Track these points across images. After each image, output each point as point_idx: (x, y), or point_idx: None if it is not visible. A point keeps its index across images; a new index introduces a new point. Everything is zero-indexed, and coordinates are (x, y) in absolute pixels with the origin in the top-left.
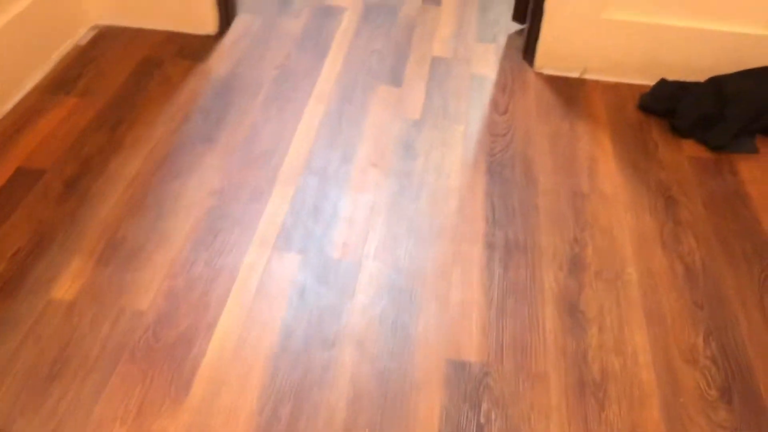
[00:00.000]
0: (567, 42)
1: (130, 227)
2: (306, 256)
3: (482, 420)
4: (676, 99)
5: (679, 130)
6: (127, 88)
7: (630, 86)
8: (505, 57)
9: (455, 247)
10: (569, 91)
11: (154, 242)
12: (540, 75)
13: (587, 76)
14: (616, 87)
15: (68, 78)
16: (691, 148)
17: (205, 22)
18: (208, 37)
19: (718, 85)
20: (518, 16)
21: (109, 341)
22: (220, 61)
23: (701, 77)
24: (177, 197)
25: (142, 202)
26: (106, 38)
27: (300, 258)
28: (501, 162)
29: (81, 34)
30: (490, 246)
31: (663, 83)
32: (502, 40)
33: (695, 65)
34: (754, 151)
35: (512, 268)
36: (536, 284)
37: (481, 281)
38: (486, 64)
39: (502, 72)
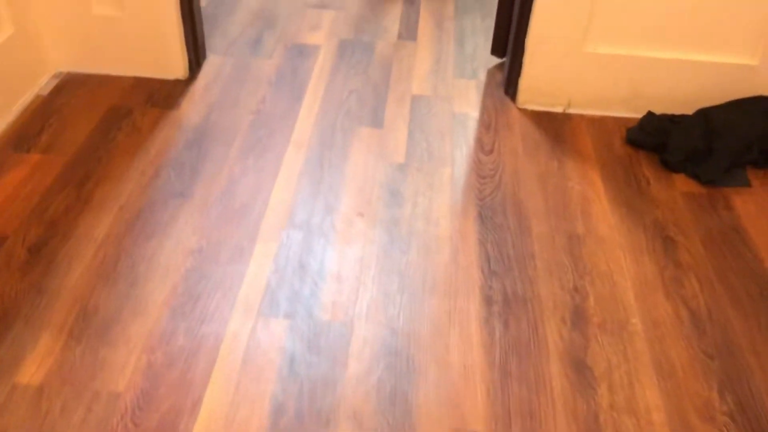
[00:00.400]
0: (550, 77)
1: (102, 296)
2: (294, 321)
3: None
4: (665, 133)
5: (670, 165)
6: (94, 141)
7: (616, 119)
8: (487, 93)
9: (451, 303)
10: (555, 127)
11: (129, 312)
12: (524, 111)
13: (572, 111)
14: (601, 121)
15: (30, 132)
16: (683, 183)
17: (174, 66)
18: (177, 81)
19: (705, 117)
20: (497, 49)
21: (83, 429)
22: (191, 108)
23: (688, 109)
24: (152, 259)
25: (114, 266)
26: (69, 86)
27: (287, 323)
28: (491, 206)
29: (43, 83)
30: (487, 300)
31: (650, 117)
32: (482, 75)
33: (681, 97)
34: (747, 184)
35: (513, 323)
36: (539, 340)
37: (482, 340)
38: (467, 101)
39: (484, 109)
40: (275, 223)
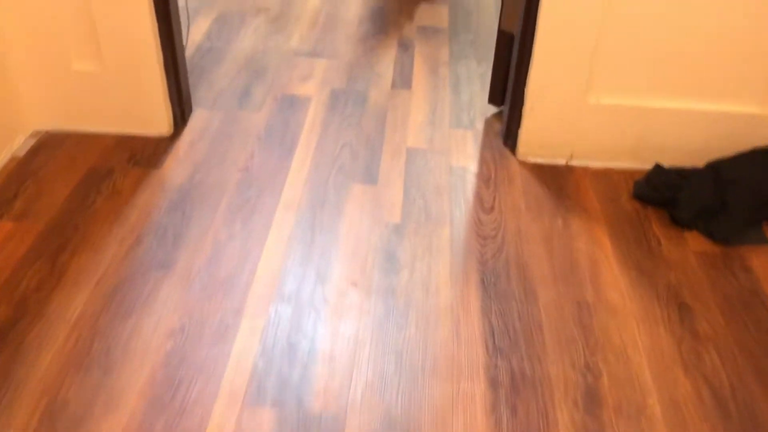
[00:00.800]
0: (551, 129)
1: (74, 387)
2: (282, 411)
3: None
4: (674, 188)
5: (681, 222)
6: (71, 206)
7: (621, 171)
8: (485, 144)
9: (454, 386)
10: (558, 181)
11: (102, 405)
12: (524, 163)
13: (575, 163)
14: (606, 173)
15: (3, 198)
16: (695, 241)
17: (158, 122)
18: (162, 138)
19: (716, 171)
20: (494, 98)
21: None
22: (176, 167)
23: (697, 159)
24: (129, 342)
25: (88, 351)
26: (47, 146)
27: (275, 414)
28: (494, 271)
29: (19, 143)
30: (493, 382)
31: (658, 170)
32: (480, 124)
33: (689, 147)
34: (764, 242)
35: (521, 408)
36: (550, 427)
37: (488, 429)
38: (465, 153)
39: (483, 162)
40: (263, 295)
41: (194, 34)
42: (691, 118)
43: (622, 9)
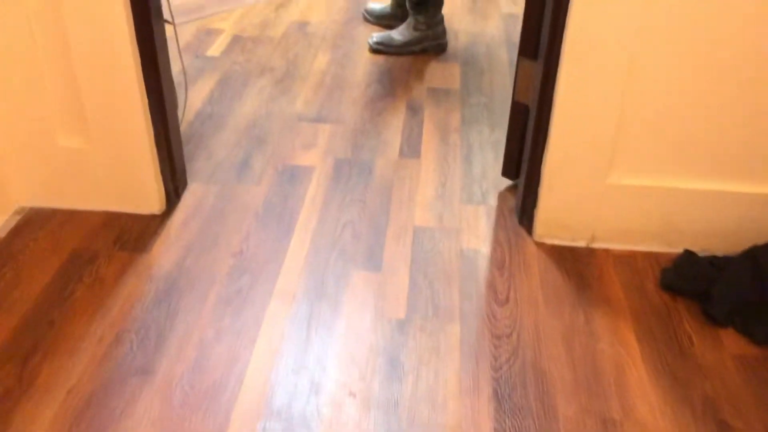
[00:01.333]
0: (570, 209)
1: None
2: None
3: None
4: (707, 279)
5: (715, 319)
6: (49, 297)
7: (647, 255)
8: (499, 223)
9: None
10: (578, 267)
11: None
12: (541, 245)
13: (596, 245)
14: (630, 257)
15: None
16: (733, 341)
17: (149, 200)
18: (152, 217)
19: (754, 260)
20: (508, 171)
21: None
22: (164, 251)
23: (730, 244)
24: None
25: None
26: (31, 225)
27: None
28: (509, 379)
29: (2, 222)
30: None
31: (687, 258)
32: (493, 199)
33: (721, 231)
34: None
35: None
36: None
37: None
38: (477, 233)
39: (497, 244)
40: (250, 410)
41: (194, 99)
42: (722, 200)
43: (646, 83)
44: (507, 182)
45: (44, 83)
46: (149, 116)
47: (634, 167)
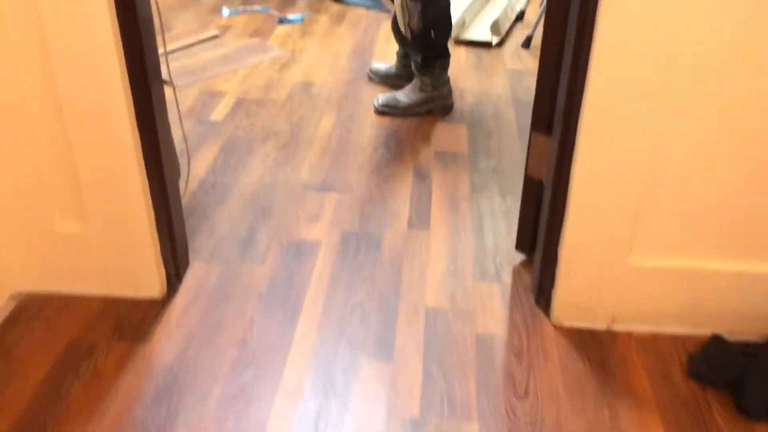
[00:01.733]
0: (589, 290)
1: None
2: None
3: None
4: (738, 368)
5: (749, 414)
6: (44, 396)
7: (672, 338)
8: (515, 303)
9: None
10: (599, 352)
11: None
12: (560, 328)
13: (617, 327)
14: (654, 340)
15: None
16: None
17: (149, 284)
18: (153, 302)
19: None
20: (522, 245)
21: None
22: (165, 340)
23: (759, 326)
24: None
25: None
26: (26, 313)
27: None
28: None
29: None
30: None
31: (716, 344)
32: (507, 275)
33: (748, 312)
34: None
35: None
36: None
37: None
38: (492, 315)
39: (513, 327)
40: None
41: (198, 168)
42: (753, 281)
43: (668, 161)
44: (521, 256)
45: (41, 167)
46: (149, 197)
47: (656, 247)
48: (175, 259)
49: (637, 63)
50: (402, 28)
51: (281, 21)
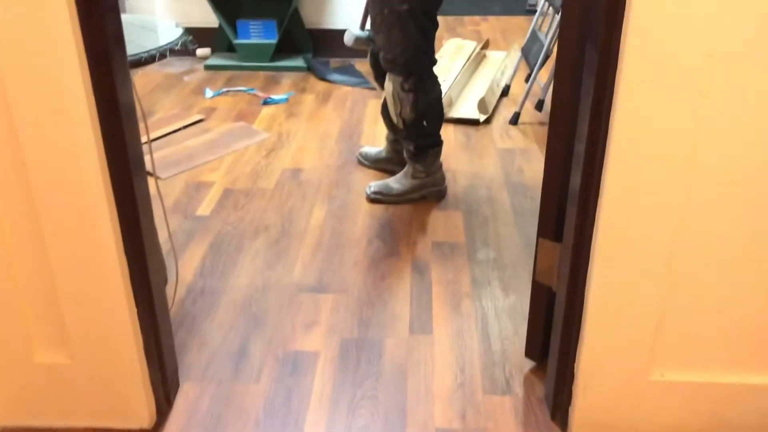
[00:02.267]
0: (608, 407)
1: None
2: None
3: None
4: None
5: None
6: None
7: None
8: (529, 419)
9: None
10: None
11: None
12: None
13: None
14: None
15: None
16: None
17: (138, 413)
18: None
19: None
20: (532, 352)
21: None
22: None
23: None
24: None
25: None
26: None
27: None
28: None
29: None
30: None
31: None
32: (519, 386)
33: None
34: None
35: None
36: None
37: None
38: None
39: None
40: None
41: (185, 271)
42: None
43: (689, 272)
44: (531, 363)
45: (21, 297)
46: (136, 319)
47: (678, 362)
48: (165, 383)
49: (654, 174)
50: (393, 118)
51: (266, 102)
